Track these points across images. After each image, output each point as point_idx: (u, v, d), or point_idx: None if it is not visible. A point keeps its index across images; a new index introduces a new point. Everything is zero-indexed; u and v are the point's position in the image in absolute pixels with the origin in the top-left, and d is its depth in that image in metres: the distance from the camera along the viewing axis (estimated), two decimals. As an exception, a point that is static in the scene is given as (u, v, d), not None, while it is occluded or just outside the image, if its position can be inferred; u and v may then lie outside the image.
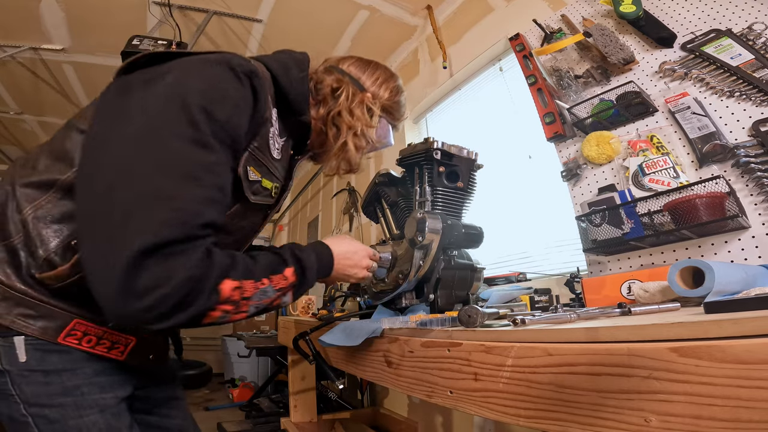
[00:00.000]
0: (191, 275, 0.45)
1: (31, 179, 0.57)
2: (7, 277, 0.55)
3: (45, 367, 0.57)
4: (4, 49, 2.41)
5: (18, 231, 0.56)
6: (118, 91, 0.56)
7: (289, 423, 1.87)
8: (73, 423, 0.57)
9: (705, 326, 0.33)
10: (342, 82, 0.79)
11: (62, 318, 0.57)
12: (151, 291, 0.43)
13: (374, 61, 0.89)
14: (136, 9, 2.19)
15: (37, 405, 0.56)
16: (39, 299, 0.56)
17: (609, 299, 0.86)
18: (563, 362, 0.42)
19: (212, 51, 0.60)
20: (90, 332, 0.59)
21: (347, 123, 0.76)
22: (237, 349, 3.59)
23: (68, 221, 0.56)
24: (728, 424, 0.30)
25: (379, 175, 1.26)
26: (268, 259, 0.59)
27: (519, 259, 1.69)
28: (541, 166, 1.61)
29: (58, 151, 0.58)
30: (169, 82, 0.52)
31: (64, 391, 0.57)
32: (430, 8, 2.27)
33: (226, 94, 0.54)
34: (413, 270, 0.98)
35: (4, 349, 0.55)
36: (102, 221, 0.46)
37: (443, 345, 0.59)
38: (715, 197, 0.91)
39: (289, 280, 0.60)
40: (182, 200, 0.46)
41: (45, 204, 0.56)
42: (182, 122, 0.49)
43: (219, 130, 0.52)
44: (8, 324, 0.55)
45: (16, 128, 3.55)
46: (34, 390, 0.56)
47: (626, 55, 1.25)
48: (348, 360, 0.93)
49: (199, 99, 0.50)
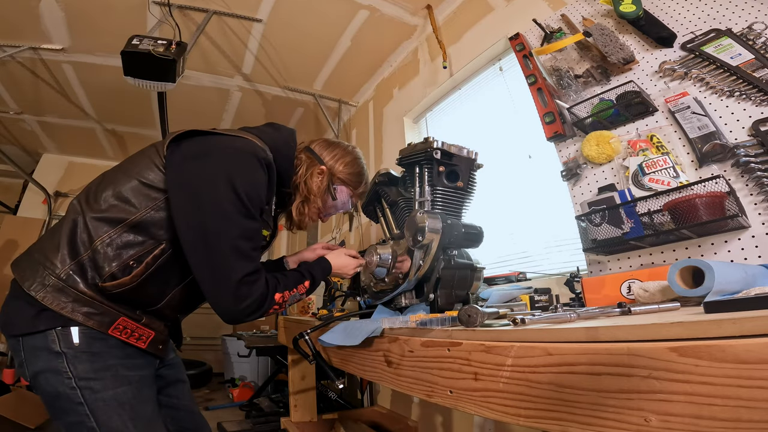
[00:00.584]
0: (262, 291, 0.80)
1: (103, 215, 0.79)
2: (78, 285, 0.76)
3: (92, 349, 0.76)
4: (4, 49, 2.41)
5: (86, 251, 0.77)
6: (179, 165, 0.81)
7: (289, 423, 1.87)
8: (110, 393, 0.76)
9: (705, 326, 0.33)
10: (301, 160, 1.02)
11: (113, 315, 0.79)
12: (246, 299, 0.77)
13: (338, 141, 1.11)
14: (135, 9, 2.19)
15: (85, 378, 0.75)
16: (100, 301, 0.77)
17: (609, 299, 0.86)
18: (563, 362, 0.42)
19: (238, 135, 0.87)
20: (128, 327, 0.81)
21: (300, 191, 1.01)
22: (237, 349, 3.59)
23: (127, 248, 0.78)
24: (728, 424, 0.30)
25: (379, 175, 1.25)
26: (295, 276, 0.93)
27: (519, 258, 1.69)
28: (541, 166, 1.61)
29: (122, 196, 0.81)
30: (222, 168, 0.79)
31: (105, 368, 0.77)
32: (430, 8, 2.27)
33: (258, 179, 0.83)
34: (413, 269, 0.98)
35: (63, 336, 0.75)
36: (213, 263, 0.76)
37: (443, 344, 0.59)
38: (715, 197, 0.91)
39: (306, 287, 0.94)
40: (247, 252, 0.78)
41: (113, 235, 0.78)
42: (239, 204, 0.77)
43: (255, 206, 0.81)
44: (74, 317, 0.75)
45: (16, 128, 3.54)
46: (84, 367, 0.75)
47: (626, 55, 1.25)
48: (348, 360, 0.93)
49: (244, 186, 0.78)
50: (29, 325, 0.75)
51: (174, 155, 0.82)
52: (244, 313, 0.77)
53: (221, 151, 0.81)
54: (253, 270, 0.78)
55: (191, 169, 0.80)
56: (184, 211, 0.78)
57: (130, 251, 0.78)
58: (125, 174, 0.84)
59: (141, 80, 1.89)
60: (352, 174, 1.07)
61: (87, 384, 0.74)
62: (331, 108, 3.25)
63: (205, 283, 0.77)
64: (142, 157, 0.86)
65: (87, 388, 0.74)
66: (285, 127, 1.03)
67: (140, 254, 0.79)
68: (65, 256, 0.77)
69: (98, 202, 0.80)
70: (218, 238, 0.75)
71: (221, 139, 0.84)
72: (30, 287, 0.75)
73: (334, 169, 1.04)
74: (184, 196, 0.78)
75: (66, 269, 0.76)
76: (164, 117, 2.60)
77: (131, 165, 0.85)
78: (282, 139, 0.97)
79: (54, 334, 0.74)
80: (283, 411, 2.64)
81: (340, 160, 1.06)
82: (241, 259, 0.76)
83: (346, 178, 1.07)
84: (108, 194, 0.81)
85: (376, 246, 1.07)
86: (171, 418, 1.00)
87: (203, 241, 0.76)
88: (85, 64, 2.66)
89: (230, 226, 0.76)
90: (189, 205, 0.77)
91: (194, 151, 0.81)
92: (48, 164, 4.06)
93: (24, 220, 3.75)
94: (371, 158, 2.91)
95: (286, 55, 2.67)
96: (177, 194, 0.79)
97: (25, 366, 0.76)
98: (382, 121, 2.84)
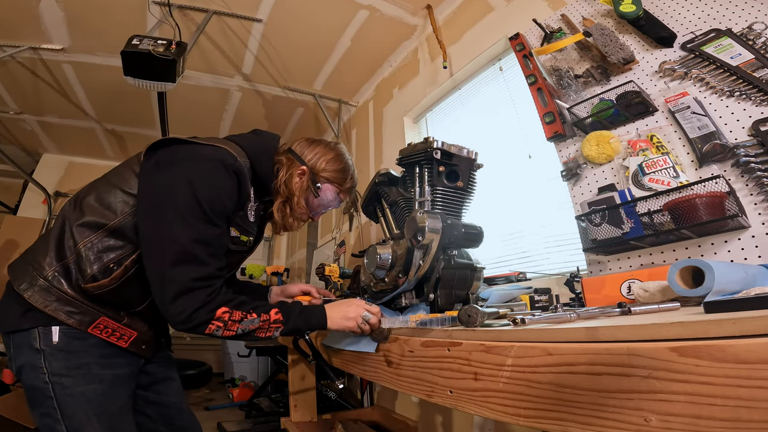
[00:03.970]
0: (200, 302, 0.76)
1: (85, 220, 0.84)
2: (62, 285, 0.81)
3: (69, 348, 0.81)
4: (4, 49, 2.41)
5: (71, 254, 0.82)
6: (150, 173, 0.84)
7: (289, 422, 1.87)
8: (80, 389, 0.81)
9: (705, 326, 0.33)
10: (282, 162, 1.01)
11: (94, 315, 0.83)
12: (182, 305, 0.75)
13: (320, 139, 1.09)
14: (135, 9, 2.19)
15: (58, 375, 0.80)
16: (82, 301, 0.82)
17: (609, 299, 0.86)
18: (563, 362, 0.42)
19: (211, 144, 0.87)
20: (109, 326, 0.86)
21: (281, 193, 1.00)
22: (237, 349, 3.59)
23: (108, 252, 0.82)
24: (728, 424, 0.30)
25: (379, 175, 1.26)
26: (262, 303, 0.85)
27: (519, 258, 1.69)
28: (541, 166, 1.61)
29: (104, 202, 0.85)
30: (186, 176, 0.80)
31: (78, 366, 0.82)
32: (430, 8, 2.27)
33: (221, 186, 0.83)
34: (413, 269, 0.98)
35: (44, 335, 0.80)
36: (161, 265, 0.76)
37: (443, 345, 0.59)
38: (715, 197, 0.91)
39: (273, 318, 0.82)
40: (197, 256, 0.77)
41: (94, 239, 0.82)
42: (198, 209, 0.78)
43: (219, 212, 0.82)
44: (56, 315, 0.80)
45: (16, 128, 3.54)
46: (58, 364, 0.80)
47: (626, 55, 1.25)
48: (348, 360, 0.93)
49: (206, 192, 0.79)
50: (17, 323, 0.81)
51: (148, 163, 0.86)
52: (179, 320, 0.75)
53: (188, 159, 0.83)
54: (202, 276, 0.76)
55: (158, 176, 0.83)
56: (144, 215, 0.81)
57: (111, 255, 0.83)
58: (109, 182, 0.89)
59: (141, 80, 1.89)
60: (335, 171, 1.05)
61: (59, 380, 0.80)
62: (331, 108, 3.25)
63: (153, 284, 0.78)
64: (125, 166, 0.91)
65: (58, 383, 0.80)
66: (267, 133, 1.05)
67: (120, 257, 0.83)
68: (52, 258, 0.83)
69: (83, 208, 0.85)
70: (171, 241, 0.76)
71: (192, 148, 0.86)
72: (20, 287, 0.82)
73: (316, 167, 1.03)
74: (147, 201, 0.82)
75: (52, 271, 0.82)
76: (164, 117, 2.60)
77: (115, 173, 0.90)
78: (261, 144, 0.99)
79: (36, 333, 0.80)
80: (283, 411, 2.64)
81: (322, 157, 1.04)
82: (188, 264, 0.76)
83: (330, 176, 1.05)
84: (91, 201, 0.86)
85: (376, 246, 1.07)
86: (160, 414, 1.03)
87: (158, 242, 0.78)
88: (85, 64, 2.66)
89: (186, 229, 0.77)
90: (150, 209, 0.81)
91: (165, 160, 0.84)
92: (48, 164, 4.06)
93: (24, 220, 3.74)
94: (371, 158, 2.91)
95: (286, 55, 2.67)
96: (142, 199, 0.83)
97: (11, 360, 0.83)
98: (382, 121, 2.84)
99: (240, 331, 0.79)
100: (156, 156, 0.86)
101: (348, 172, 1.08)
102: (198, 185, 0.79)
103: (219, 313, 0.76)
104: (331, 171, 1.05)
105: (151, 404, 1.02)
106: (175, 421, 1.06)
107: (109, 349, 0.86)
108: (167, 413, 1.05)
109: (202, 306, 0.75)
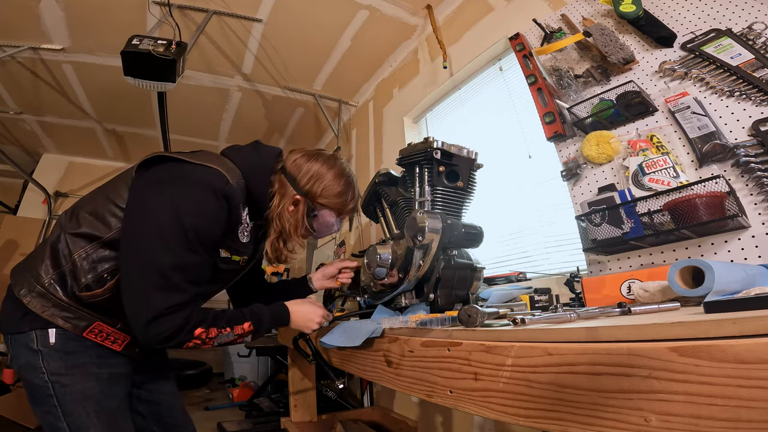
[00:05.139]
0: (177, 326, 0.77)
1: (80, 231, 0.85)
2: (58, 292, 0.84)
3: (65, 348, 0.84)
4: (4, 49, 2.41)
5: (67, 263, 0.84)
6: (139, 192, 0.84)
7: (289, 422, 1.87)
8: (78, 387, 0.84)
9: (705, 326, 0.33)
10: (275, 188, 0.97)
11: (89, 320, 0.86)
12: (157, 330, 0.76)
13: (317, 156, 1.01)
14: (135, 9, 2.19)
15: (56, 374, 0.83)
16: (76, 307, 0.85)
17: (609, 299, 0.86)
18: (563, 362, 0.42)
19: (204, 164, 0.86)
20: (104, 331, 0.88)
21: (274, 226, 0.97)
22: (237, 349, 3.59)
23: (102, 262, 0.85)
24: (728, 424, 0.30)
25: (379, 175, 1.25)
26: (235, 316, 0.88)
27: (519, 258, 1.69)
28: (541, 166, 1.61)
29: (99, 215, 0.87)
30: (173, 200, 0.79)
31: (75, 365, 0.85)
32: (430, 8, 2.27)
33: (209, 212, 0.83)
34: (413, 269, 0.98)
35: (41, 336, 0.83)
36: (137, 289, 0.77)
37: (443, 344, 0.59)
38: (715, 197, 0.91)
39: (246, 330, 0.88)
40: (176, 284, 0.78)
41: (89, 250, 0.85)
42: (182, 236, 0.78)
43: (204, 239, 0.82)
44: (53, 320, 0.83)
45: (16, 128, 3.54)
46: (56, 364, 0.83)
47: (626, 55, 1.24)
48: (348, 360, 0.93)
49: (191, 219, 0.79)
50: (17, 325, 0.85)
51: (139, 180, 0.87)
52: (154, 341, 0.77)
53: (177, 180, 0.83)
54: (179, 303, 0.77)
55: (145, 196, 0.83)
56: (128, 235, 0.82)
57: (105, 265, 0.85)
58: (104, 195, 0.90)
59: (141, 80, 1.89)
60: (334, 195, 0.98)
61: (57, 379, 0.83)
62: (331, 108, 3.25)
63: (127, 301, 0.78)
64: (120, 179, 0.91)
65: (57, 382, 0.83)
66: (267, 148, 1.00)
67: (113, 268, 0.85)
68: (48, 266, 0.85)
69: (78, 220, 0.87)
70: (152, 265, 0.76)
71: (183, 169, 0.85)
72: (19, 292, 0.85)
73: (311, 193, 0.96)
74: (131, 220, 0.83)
75: (48, 278, 0.85)
76: (164, 117, 2.60)
77: (112, 186, 0.91)
78: (258, 161, 0.96)
79: (34, 334, 0.84)
80: (283, 411, 2.64)
81: (318, 182, 0.97)
82: (166, 290, 0.76)
83: (328, 202, 0.98)
84: (86, 213, 0.88)
85: (376, 246, 1.07)
86: (153, 413, 1.05)
87: (139, 264, 0.78)
88: (85, 64, 2.66)
89: (165, 255, 0.77)
90: (133, 230, 0.82)
91: (155, 179, 0.85)
92: (48, 164, 4.06)
93: (24, 220, 3.75)
94: (371, 158, 2.91)
95: (286, 54, 2.67)
96: (128, 218, 0.84)
97: (13, 360, 0.87)
98: (382, 121, 2.84)
99: (216, 344, 0.85)
100: (147, 174, 0.86)
101: (348, 194, 1.01)
102: (184, 211, 0.79)
103: (197, 333, 0.80)
104: (329, 196, 0.98)
105: (144, 402, 1.04)
106: (168, 419, 1.07)
107: (104, 349, 0.89)
108: (159, 411, 1.06)
109: (179, 330, 0.77)
